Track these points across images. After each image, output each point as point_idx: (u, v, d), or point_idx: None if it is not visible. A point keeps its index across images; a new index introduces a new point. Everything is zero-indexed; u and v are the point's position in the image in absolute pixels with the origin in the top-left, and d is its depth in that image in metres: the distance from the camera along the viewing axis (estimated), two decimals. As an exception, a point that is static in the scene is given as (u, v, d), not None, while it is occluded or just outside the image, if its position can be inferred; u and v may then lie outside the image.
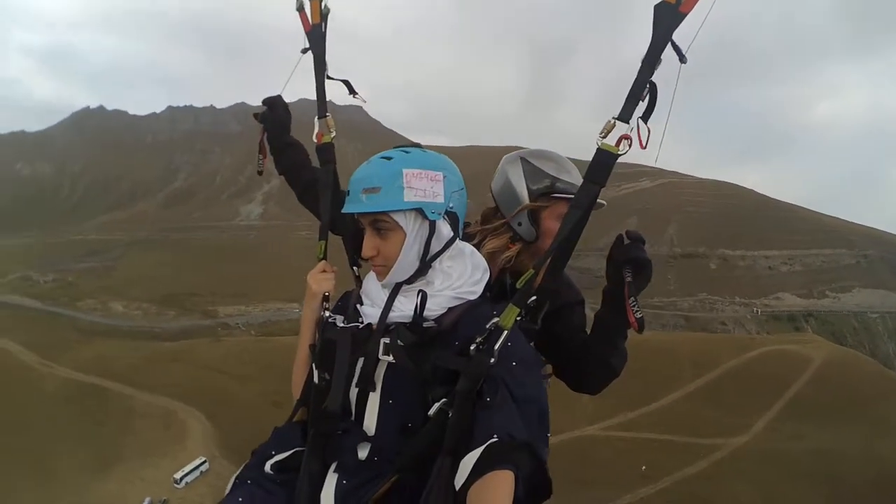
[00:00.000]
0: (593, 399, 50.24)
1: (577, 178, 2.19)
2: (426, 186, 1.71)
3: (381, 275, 1.77)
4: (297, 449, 1.80)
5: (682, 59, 1.66)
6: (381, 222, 1.71)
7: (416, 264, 1.74)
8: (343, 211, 1.75)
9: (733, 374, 54.35)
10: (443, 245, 1.77)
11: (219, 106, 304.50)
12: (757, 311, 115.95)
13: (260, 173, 2.62)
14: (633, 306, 1.85)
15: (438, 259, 1.77)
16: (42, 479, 31.16)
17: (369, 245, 1.73)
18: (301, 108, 2.17)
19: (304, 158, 2.56)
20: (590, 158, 1.71)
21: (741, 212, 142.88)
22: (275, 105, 2.51)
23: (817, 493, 35.63)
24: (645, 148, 1.69)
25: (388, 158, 1.73)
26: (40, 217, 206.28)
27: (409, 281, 1.75)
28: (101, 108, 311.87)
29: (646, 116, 1.69)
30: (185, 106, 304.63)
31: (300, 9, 2.34)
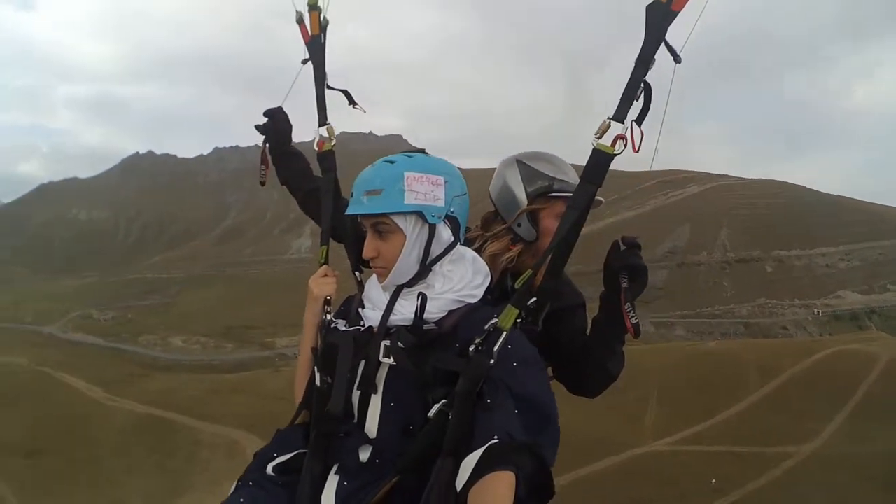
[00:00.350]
0: (658, 413, 49.41)
1: (573, 178, 2.21)
2: (427, 190, 1.73)
3: (381, 276, 1.80)
4: (298, 451, 1.80)
5: (677, 58, 1.67)
6: (381, 224, 1.73)
7: (415, 267, 1.76)
8: (346, 213, 1.78)
9: (798, 380, 52.07)
10: (443, 249, 1.79)
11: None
12: (818, 313, 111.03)
13: (262, 184, 2.61)
14: (630, 312, 1.87)
15: (439, 263, 1.79)
16: None
17: (370, 246, 1.76)
18: (340, 140, 2.35)
19: (305, 167, 2.58)
20: (636, 168, 1.81)
21: (792, 210, 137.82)
22: (276, 115, 2.55)
23: (889, 494, 33.91)
24: (637, 151, 1.71)
25: (392, 162, 1.75)
26: (99, 259, 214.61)
27: (410, 284, 1.77)
28: (150, 152, 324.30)
29: (640, 119, 1.69)
30: (232, 146, 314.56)
31: (300, 21, 2.40)
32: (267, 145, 2.55)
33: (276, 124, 2.54)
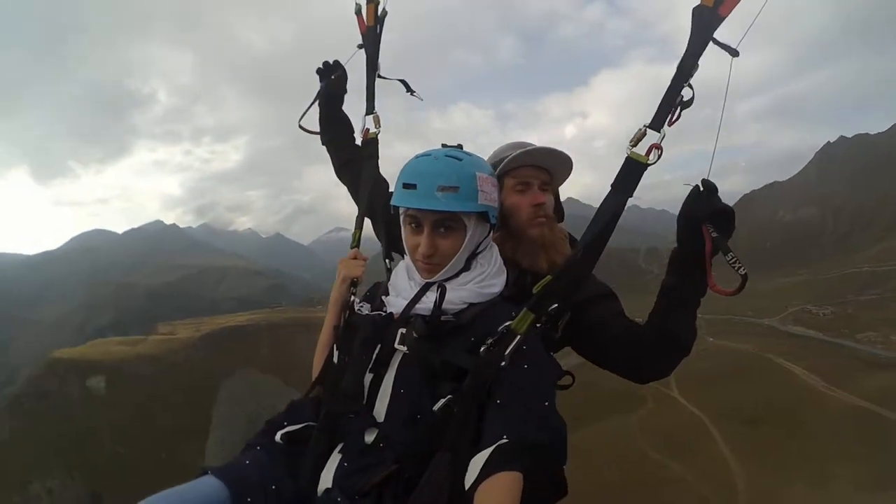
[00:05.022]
0: None
1: (520, 149, 2.09)
2: (490, 191, 1.73)
3: (430, 272, 1.74)
4: (308, 423, 1.80)
5: (734, 53, 1.58)
6: (449, 221, 1.69)
7: (463, 263, 1.76)
8: (418, 206, 1.67)
9: None
10: (485, 245, 1.82)
11: None
12: None
13: (299, 125, 2.58)
14: (734, 262, 1.57)
15: (476, 258, 1.80)
16: (815, 486, 32.24)
17: (429, 243, 1.69)
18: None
19: (349, 134, 2.60)
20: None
21: None
22: (336, 74, 2.55)
23: None
24: (661, 153, 1.63)
25: (458, 159, 1.71)
26: (808, 256, 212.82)
27: (451, 278, 1.77)
28: (841, 138, 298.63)
29: (687, 104, 1.61)
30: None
31: (358, 12, 2.48)
32: (319, 102, 2.60)
33: (331, 87, 2.56)
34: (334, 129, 2.62)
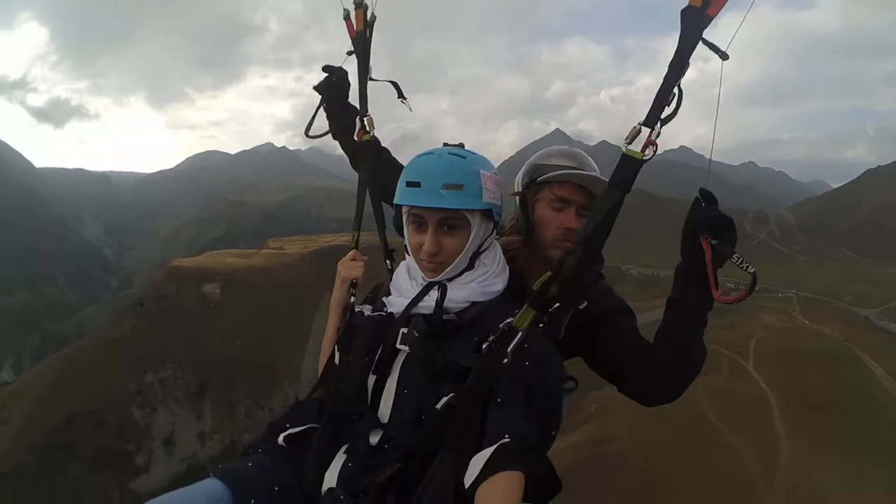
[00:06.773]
0: None
1: (572, 163, 2.10)
2: (494, 188, 1.74)
3: (434, 271, 1.74)
4: (310, 425, 1.80)
5: (724, 56, 1.60)
6: (453, 219, 1.69)
7: (467, 262, 1.76)
8: (423, 205, 1.68)
9: None
10: (489, 243, 1.84)
11: None
12: None
13: (307, 134, 2.54)
14: (740, 263, 1.54)
15: (480, 256, 1.80)
16: (855, 483, 32.05)
17: (434, 241, 1.70)
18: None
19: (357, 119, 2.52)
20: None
21: None
22: (335, 72, 2.50)
23: None
24: (655, 148, 1.65)
25: (461, 157, 1.72)
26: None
27: (455, 277, 1.77)
28: None
29: (666, 121, 1.63)
30: None
31: (347, 17, 2.46)
32: (323, 103, 2.53)
33: (334, 80, 2.49)
34: (341, 118, 2.54)
